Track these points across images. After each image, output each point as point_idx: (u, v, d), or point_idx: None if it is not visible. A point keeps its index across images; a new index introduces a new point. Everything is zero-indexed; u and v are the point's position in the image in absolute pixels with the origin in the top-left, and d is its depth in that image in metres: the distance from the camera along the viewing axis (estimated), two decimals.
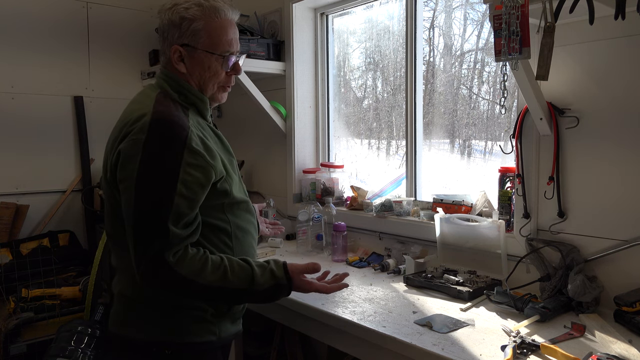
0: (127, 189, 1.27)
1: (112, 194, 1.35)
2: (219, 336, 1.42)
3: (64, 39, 3.31)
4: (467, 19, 2.49)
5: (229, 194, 1.40)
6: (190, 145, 1.29)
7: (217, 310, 1.41)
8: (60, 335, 2.49)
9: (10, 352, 2.62)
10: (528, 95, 1.73)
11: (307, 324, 1.86)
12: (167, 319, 1.37)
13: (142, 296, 1.38)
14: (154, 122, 1.28)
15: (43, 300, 2.75)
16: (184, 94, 1.42)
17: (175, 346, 1.37)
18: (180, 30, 1.37)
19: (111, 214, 1.40)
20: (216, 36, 1.39)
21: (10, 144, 3.15)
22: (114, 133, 1.37)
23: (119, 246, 1.40)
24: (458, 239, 2.05)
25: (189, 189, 1.27)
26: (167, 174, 1.25)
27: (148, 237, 1.25)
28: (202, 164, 1.30)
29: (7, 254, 2.93)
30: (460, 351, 1.39)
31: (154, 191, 1.25)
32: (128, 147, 1.27)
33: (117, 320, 1.45)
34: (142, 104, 1.35)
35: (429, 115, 2.54)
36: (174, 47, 1.39)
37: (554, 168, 1.82)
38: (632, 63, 1.65)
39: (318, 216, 2.54)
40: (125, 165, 1.27)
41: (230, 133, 3.48)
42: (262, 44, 2.83)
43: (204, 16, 1.37)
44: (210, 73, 1.42)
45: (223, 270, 1.30)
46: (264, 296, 1.36)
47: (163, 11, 1.40)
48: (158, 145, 1.26)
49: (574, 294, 1.64)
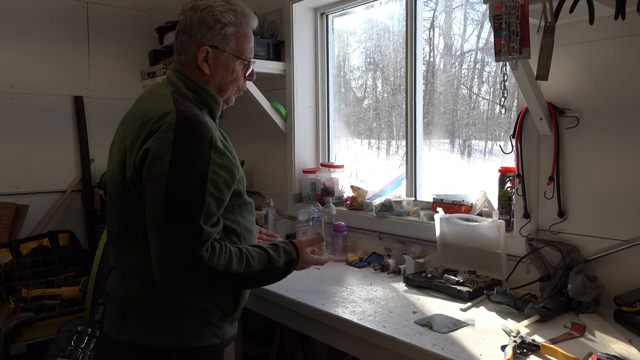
0: (155, 188, 1.24)
1: (127, 193, 1.32)
2: (222, 339, 1.43)
3: (64, 38, 3.31)
4: (467, 19, 2.49)
5: (241, 195, 1.42)
6: (216, 145, 1.30)
7: (224, 313, 1.42)
8: (60, 335, 2.49)
9: (10, 352, 2.61)
10: (528, 95, 1.73)
11: (307, 324, 1.85)
12: (174, 324, 1.36)
13: (149, 300, 1.36)
14: (180, 120, 1.26)
15: (43, 300, 2.75)
16: (200, 94, 1.42)
17: (182, 351, 1.36)
18: (212, 31, 1.39)
19: (121, 214, 1.37)
20: (244, 43, 1.44)
21: (10, 143, 3.15)
22: (132, 130, 1.33)
23: (127, 247, 1.38)
24: (458, 239, 2.05)
25: (217, 189, 1.28)
26: (197, 173, 1.25)
27: (179, 236, 1.23)
28: (228, 164, 1.32)
29: (7, 254, 2.93)
30: (460, 351, 1.39)
31: (186, 190, 1.24)
32: (156, 145, 1.25)
33: (119, 324, 1.41)
34: (160, 102, 1.33)
35: (429, 115, 2.54)
36: (204, 47, 1.39)
37: (554, 168, 1.82)
38: (632, 63, 1.65)
39: (318, 216, 2.54)
40: (155, 164, 1.24)
41: (230, 133, 3.47)
42: (262, 44, 2.83)
43: (237, 22, 1.42)
44: (233, 76, 1.46)
45: (245, 257, 1.34)
46: (279, 273, 1.43)
47: (193, 9, 1.40)
48: (187, 144, 1.25)
49: (574, 294, 1.64)
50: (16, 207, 3.11)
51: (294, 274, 2.14)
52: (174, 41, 1.45)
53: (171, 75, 1.44)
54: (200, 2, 1.40)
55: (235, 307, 1.45)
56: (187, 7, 1.42)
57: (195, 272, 1.26)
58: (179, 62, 1.44)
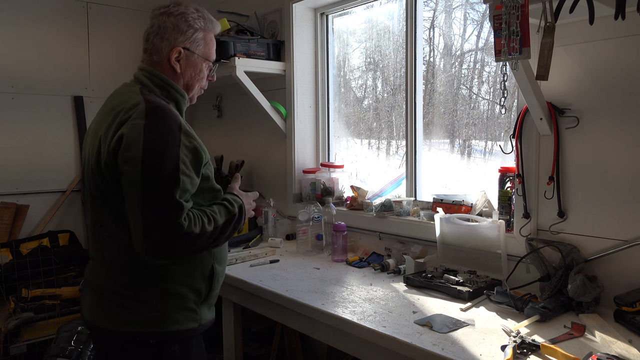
0: (132, 169, 1.33)
1: (102, 180, 1.41)
2: (200, 323, 1.51)
3: (64, 38, 3.31)
4: (467, 19, 2.49)
5: (210, 180, 1.52)
6: (185, 129, 1.41)
7: (199, 297, 1.50)
8: (60, 335, 2.49)
9: (10, 352, 2.62)
10: (528, 95, 1.73)
11: (307, 324, 1.86)
12: (151, 309, 1.44)
13: (124, 287, 1.45)
14: (149, 108, 1.38)
15: (43, 300, 2.76)
16: (167, 90, 1.53)
17: (159, 335, 1.44)
18: (185, 35, 1.53)
19: (97, 202, 1.46)
20: (210, 47, 1.61)
21: (10, 143, 3.15)
22: (104, 121, 1.43)
23: (103, 236, 1.48)
24: (458, 239, 2.05)
25: (188, 168, 1.38)
26: (170, 154, 1.35)
27: (160, 211, 1.31)
28: (196, 146, 1.42)
29: (7, 254, 2.93)
30: (460, 351, 1.39)
31: (161, 169, 1.33)
32: (129, 131, 1.35)
33: (97, 311, 1.49)
34: (128, 96, 1.45)
35: (429, 115, 2.54)
36: (176, 48, 1.52)
37: (554, 168, 1.82)
38: (632, 63, 1.65)
39: (318, 216, 2.54)
40: (129, 147, 1.34)
41: (231, 133, 3.49)
42: (262, 44, 2.83)
43: (205, 28, 1.58)
44: (200, 76, 1.60)
45: (212, 215, 1.44)
46: (238, 220, 1.52)
47: (166, 14, 1.53)
48: (158, 128, 1.36)
49: (574, 294, 1.64)
50: (16, 207, 3.12)
51: (294, 274, 2.15)
52: (144, 42, 1.57)
53: (139, 74, 1.56)
54: (173, 9, 1.54)
55: (210, 290, 1.52)
56: (158, 12, 1.55)
57: (179, 240, 1.34)
58: (149, 63, 1.56)
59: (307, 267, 2.28)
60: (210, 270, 1.51)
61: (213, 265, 1.52)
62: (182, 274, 1.46)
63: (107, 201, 1.42)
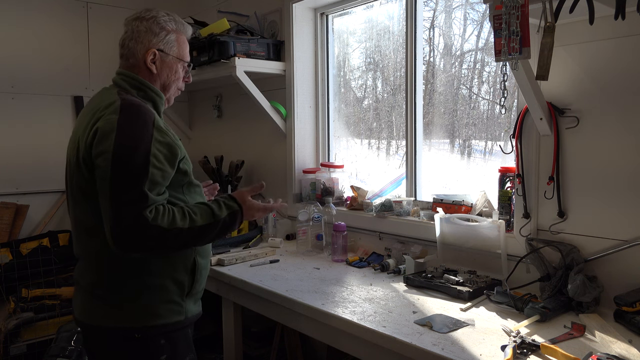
0: (104, 161, 1.37)
1: (80, 175, 1.45)
2: (185, 315, 1.55)
3: (64, 38, 3.31)
4: (467, 19, 2.49)
5: (188, 175, 1.55)
6: (158, 125, 1.46)
7: (182, 290, 1.53)
8: (60, 335, 2.49)
9: (10, 352, 2.62)
10: (528, 95, 1.73)
11: (307, 324, 1.86)
12: (135, 304, 1.47)
13: (108, 283, 1.48)
14: (124, 105, 1.44)
15: (43, 300, 2.75)
16: (143, 90, 1.58)
17: (144, 330, 1.47)
18: (158, 37, 1.60)
19: (77, 199, 1.50)
20: (184, 48, 1.67)
21: (10, 143, 3.15)
22: (83, 122, 1.50)
23: (84, 232, 1.51)
24: (458, 239, 2.05)
25: (159, 161, 1.42)
26: (140, 147, 1.39)
27: (126, 202, 1.35)
28: (169, 142, 1.46)
29: (7, 254, 2.93)
30: (460, 351, 1.39)
31: (130, 162, 1.37)
32: (103, 125, 1.40)
33: (84, 308, 1.53)
34: (106, 97, 1.51)
35: (429, 115, 2.54)
36: (151, 50, 1.59)
37: (554, 168, 1.82)
38: (632, 63, 1.65)
39: (318, 216, 2.54)
40: (102, 140, 1.39)
41: (231, 133, 3.49)
42: (262, 44, 2.83)
43: (177, 30, 1.64)
44: (176, 77, 1.66)
45: (188, 214, 1.45)
46: (225, 226, 1.52)
47: (139, 19, 1.60)
48: (130, 123, 1.42)
49: (574, 294, 1.64)
50: (16, 207, 3.12)
51: (294, 274, 2.15)
52: (120, 48, 1.64)
53: (116, 79, 1.62)
54: (145, 14, 1.61)
55: (193, 283, 1.55)
56: (130, 18, 1.62)
57: (143, 232, 1.36)
58: (125, 67, 1.62)
59: (307, 267, 2.28)
60: (192, 263, 1.54)
61: (195, 258, 1.55)
62: (163, 267, 1.50)
63: (87, 196, 1.45)
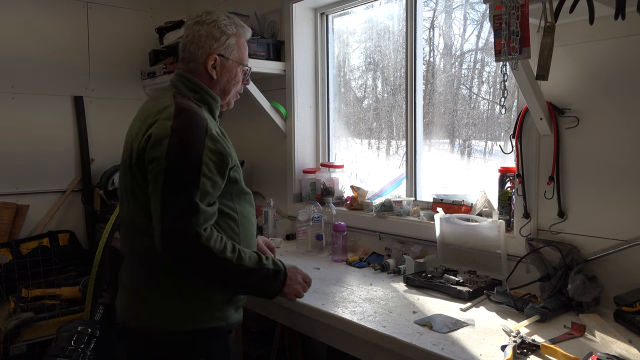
0: (157, 167, 1.39)
1: (133, 178, 1.47)
2: (227, 322, 1.55)
3: (63, 38, 3.31)
4: (467, 19, 2.49)
5: (238, 183, 1.56)
6: (211, 132, 1.46)
7: (223, 297, 1.53)
8: (60, 335, 2.48)
9: (10, 352, 2.62)
10: (528, 95, 1.73)
11: (307, 324, 1.85)
12: (181, 308, 1.48)
13: (155, 286, 1.49)
14: (178, 110, 1.45)
15: (43, 300, 2.75)
16: (200, 94, 1.59)
17: (189, 333, 1.48)
18: (219, 42, 1.59)
19: (130, 200, 1.52)
20: (243, 51, 1.67)
21: (10, 143, 3.15)
22: (137, 124, 1.52)
23: (135, 234, 1.52)
24: (458, 239, 2.05)
25: (210, 171, 1.43)
26: (193, 155, 1.40)
27: (177, 209, 1.37)
28: (221, 150, 1.47)
29: (7, 254, 2.93)
30: (460, 351, 1.39)
31: (182, 169, 1.39)
32: (157, 130, 1.42)
33: (128, 312, 1.54)
34: (161, 100, 1.52)
35: (429, 115, 2.54)
36: (212, 55, 1.59)
37: (554, 168, 1.82)
38: (632, 63, 1.65)
39: (318, 216, 2.54)
40: (156, 146, 1.40)
41: (231, 133, 3.48)
42: (262, 44, 2.83)
43: (237, 34, 1.64)
44: (236, 80, 1.66)
45: (238, 251, 1.47)
46: (266, 277, 1.53)
47: (200, 24, 1.59)
48: (184, 129, 1.42)
49: (574, 294, 1.64)
50: (16, 207, 3.12)
51: None
52: (180, 52, 1.63)
53: (174, 79, 1.62)
54: (206, 17, 1.60)
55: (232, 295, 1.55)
56: (191, 22, 1.61)
57: (192, 246, 1.38)
58: (186, 70, 1.61)
59: (307, 267, 2.27)
60: None
61: None
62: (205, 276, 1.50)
63: (138, 198, 1.47)
